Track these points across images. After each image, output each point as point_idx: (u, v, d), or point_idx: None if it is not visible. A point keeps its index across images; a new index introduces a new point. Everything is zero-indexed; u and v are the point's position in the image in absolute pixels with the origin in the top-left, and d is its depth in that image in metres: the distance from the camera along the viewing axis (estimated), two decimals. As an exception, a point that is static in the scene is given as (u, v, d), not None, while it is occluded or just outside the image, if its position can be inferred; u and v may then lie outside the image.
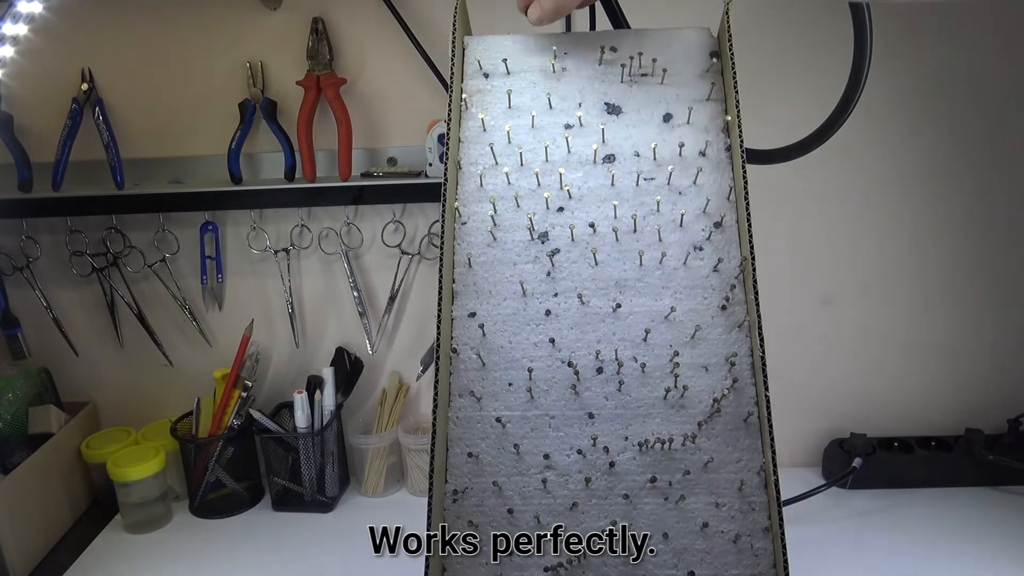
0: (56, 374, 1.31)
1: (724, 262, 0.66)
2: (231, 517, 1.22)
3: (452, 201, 0.69)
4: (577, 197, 0.68)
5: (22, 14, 1.00)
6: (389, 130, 1.20)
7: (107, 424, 1.34)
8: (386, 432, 1.25)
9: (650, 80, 0.72)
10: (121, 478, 1.16)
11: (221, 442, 1.20)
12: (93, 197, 1.19)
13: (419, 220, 1.23)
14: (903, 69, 1.11)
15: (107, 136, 1.18)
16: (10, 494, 1.08)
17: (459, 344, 0.65)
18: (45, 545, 1.16)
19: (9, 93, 1.18)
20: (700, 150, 0.69)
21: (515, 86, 0.73)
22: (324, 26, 1.14)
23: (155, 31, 1.17)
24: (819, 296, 1.23)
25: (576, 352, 0.64)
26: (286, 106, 1.18)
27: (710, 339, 0.64)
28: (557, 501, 0.61)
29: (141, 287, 1.29)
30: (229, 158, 1.18)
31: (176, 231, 1.25)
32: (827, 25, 1.05)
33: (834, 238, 1.20)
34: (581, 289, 0.66)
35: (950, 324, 1.23)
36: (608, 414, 0.63)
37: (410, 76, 1.16)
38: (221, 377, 1.23)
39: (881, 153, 1.15)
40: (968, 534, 1.10)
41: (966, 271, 1.20)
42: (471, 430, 0.63)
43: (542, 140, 0.70)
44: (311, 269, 1.27)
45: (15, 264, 1.25)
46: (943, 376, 1.24)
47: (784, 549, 0.58)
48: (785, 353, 1.05)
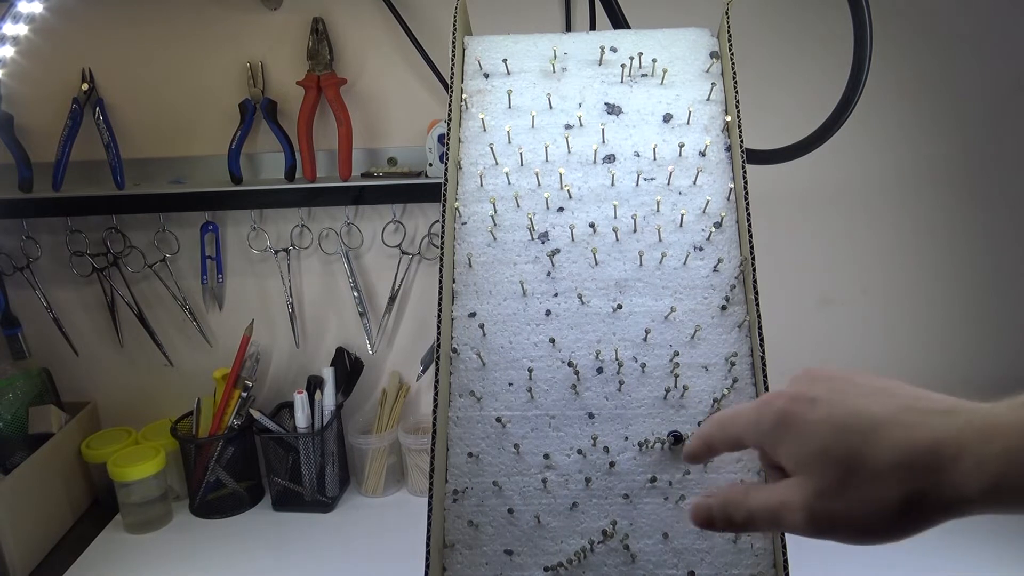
0: (56, 374, 1.31)
1: (724, 262, 0.66)
2: (231, 517, 1.22)
3: (452, 201, 0.69)
4: (577, 197, 0.68)
5: (22, 14, 1.00)
6: (389, 130, 1.20)
7: (107, 424, 1.34)
8: (386, 432, 1.25)
9: (650, 80, 0.72)
10: (121, 478, 1.16)
11: (221, 442, 1.20)
12: (93, 197, 1.19)
13: (419, 220, 1.23)
14: (904, 69, 1.11)
15: (107, 136, 1.18)
16: (10, 494, 1.08)
17: (459, 344, 0.65)
18: (45, 545, 1.16)
19: (9, 93, 1.18)
20: (700, 150, 0.69)
21: (515, 86, 0.73)
22: (324, 26, 1.14)
23: (155, 31, 1.17)
24: (819, 296, 1.23)
25: (576, 352, 0.64)
26: (286, 106, 1.18)
27: (710, 339, 0.64)
28: (557, 501, 0.61)
29: (141, 287, 1.29)
30: (229, 158, 1.18)
31: (176, 231, 1.25)
32: (827, 25, 1.05)
33: (834, 238, 1.20)
34: (581, 289, 0.66)
35: (950, 324, 1.23)
36: (608, 414, 0.63)
37: (410, 76, 1.16)
38: (221, 377, 1.23)
39: (881, 153, 1.15)
40: (969, 532, 1.10)
41: (966, 271, 1.20)
42: (471, 430, 0.63)
43: (542, 140, 0.70)
44: (311, 269, 1.27)
45: (15, 264, 1.25)
46: (943, 376, 1.24)
47: (784, 549, 0.58)
48: (785, 353, 1.05)
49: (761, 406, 0.45)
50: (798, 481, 0.42)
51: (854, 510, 0.40)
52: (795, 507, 0.42)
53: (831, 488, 0.40)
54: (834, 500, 0.40)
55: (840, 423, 0.41)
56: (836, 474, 0.40)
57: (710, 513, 0.46)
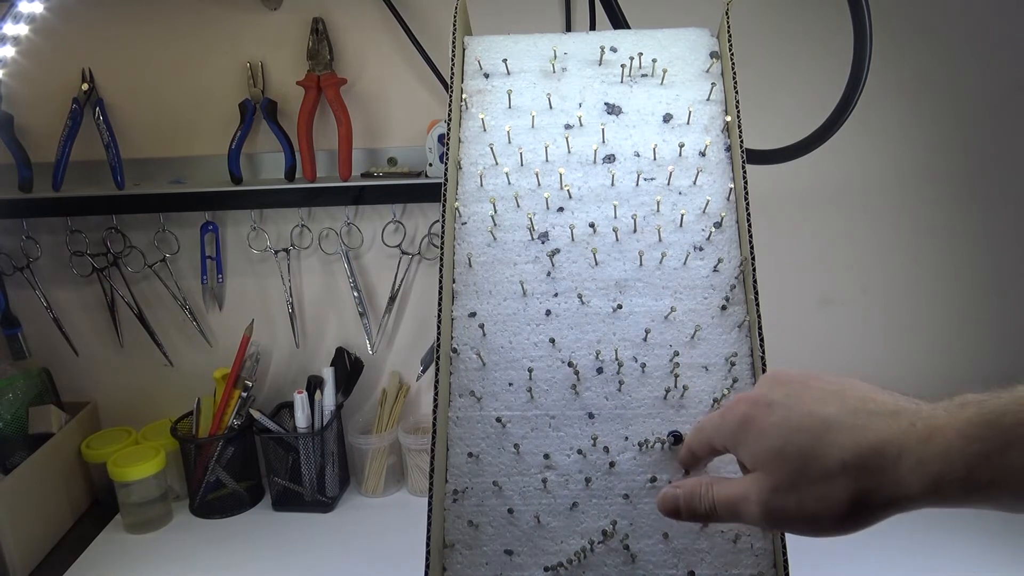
0: (56, 374, 1.31)
1: (724, 262, 0.66)
2: (231, 517, 1.22)
3: (452, 201, 0.69)
4: (577, 197, 0.68)
5: (23, 14, 0.99)
6: (389, 130, 1.20)
7: (107, 424, 1.34)
8: (386, 432, 1.25)
9: (650, 80, 0.72)
10: (121, 478, 1.16)
11: (221, 442, 1.20)
12: (93, 197, 1.19)
13: (419, 220, 1.23)
14: (904, 68, 1.11)
15: (107, 136, 1.18)
16: (10, 494, 1.08)
17: (459, 344, 0.65)
18: (45, 545, 1.16)
19: (9, 93, 1.18)
20: (700, 150, 0.69)
21: (515, 86, 0.73)
22: (324, 26, 1.14)
23: (155, 31, 1.17)
24: (819, 296, 1.23)
25: (576, 352, 0.64)
26: (286, 106, 1.18)
27: (710, 339, 0.64)
28: (557, 501, 0.61)
29: (141, 287, 1.29)
30: (229, 158, 1.18)
31: (176, 231, 1.25)
32: (827, 25, 1.05)
33: (834, 238, 1.20)
34: (581, 289, 0.66)
35: (950, 324, 1.23)
36: (608, 414, 0.63)
37: (410, 76, 1.16)
38: (221, 377, 1.23)
39: (881, 153, 1.15)
40: (969, 531, 1.10)
41: (966, 271, 1.20)
42: (471, 430, 0.63)
43: (542, 140, 0.70)
44: (311, 269, 1.27)
45: (15, 264, 1.25)
46: (943, 376, 1.24)
47: (784, 549, 0.58)
48: (785, 353, 1.05)
49: (726, 412, 0.49)
50: (755, 477, 0.45)
51: (805, 505, 0.43)
52: (752, 501, 0.45)
53: (784, 485, 0.44)
54: (787, 496, 0.43)
55: (794, 425, 0.44)
56: (789, 472, 0.44)
57: (676, 503, 0.50)
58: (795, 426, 0.44)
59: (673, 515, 0.50)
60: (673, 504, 0.50)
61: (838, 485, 0.42)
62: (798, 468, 0.43)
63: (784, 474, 0.44)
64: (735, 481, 0.47)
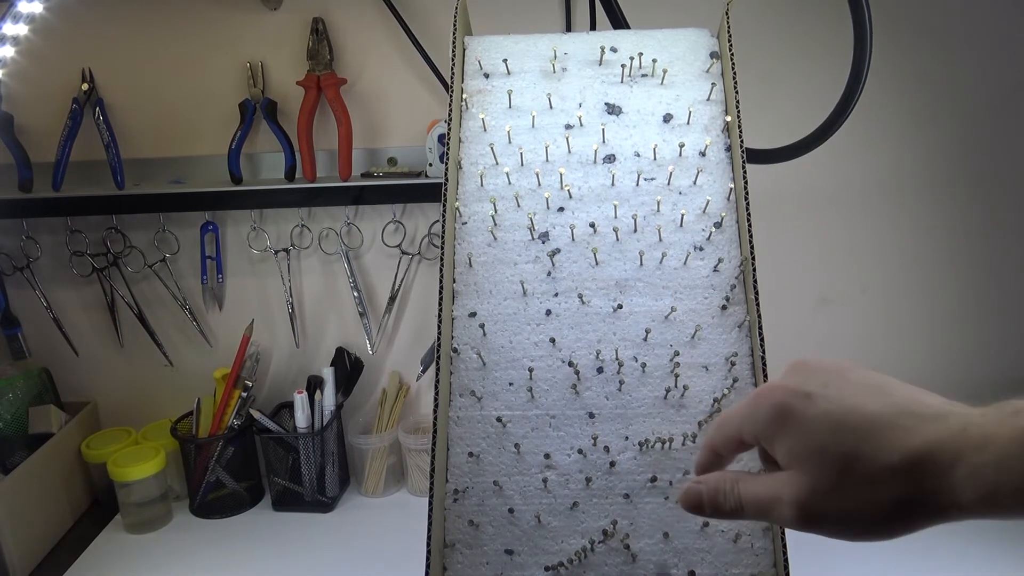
0: (56, 374, 1.31)
1: (724, 262, 0.66)
2: (231, 517, 1.22)
3: (452, 201, 0.69)
4: (577, 197, 0.68)
5: (22, 14, 0.99)
6: (389, 130, 1.20)
7: (107, 424, 1.34)
8: (386, 432, 1.25)
9: (650, 80, 0.72)
10: (121, 478, 1.16)
11: (221, 442, 1.20)
12: (93, 197, 1.19)
13: (419, 220, 1.23)
14: (904, 68, 1.11)
15: (107, 136, 1.18)
16: (10, 494, 1.08)
17: (459, 344, 0.65)
18: (45, 545, 1.16)
19: (9, 93, 1.18)
20: (700, 150, 0.69)
21: (515, 86, 0.73)
22: (324, 26, 1.14)
23: (155, 31, 1.17)
24: (819, 296, 1.23)
25: (576, 352, 0.64)
26: (286, 106, 1.18)
27: (710, 339, 0.64)
28: (558, 501, 0.61)
29: (141, 287, 1.29)
30: (229, 158, 1.18)
31: (176, 231, 1.25)
32: (827, 25, 1.05)
33: (834, 238, 1.20)
34: (581, 289, 0.66)
35: (950, 324, 1.23)
36: (608, 414, 0.63)
37: (410, 76, 1.16)
38: (221, 377, 1.23)
39: (881, 153, 1.16)
40: (969, 531, 1.10)
41: (966, 271, 1.20)
42: (471, 430, 0.63)
43: (542, 140, 0.70)
44: (311, 269, 1.27)
45: (15, 264, 1.25)
46: (943, 375, 1.24)
47: (784, 548, 0.58)
48: (785, 353, 1.05)
49: (757, 399, 0.45)
50: (792, 476, 0.42)
51: (847, 509, 0.40)
52: (787, 502, 0.42)
53: (825, 487, 0.41)
54: (827, 499, 0.41)
55: (838, 421, 0.41)
56: (832, 473, 0.40)
57: (700, 499, 0.47)
58: (838, 423, 0.41)
59: (696, 511, 0.48)
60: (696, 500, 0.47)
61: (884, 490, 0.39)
62: (842, 470, 0.40)
63: (825, 476, 0.41)
64: (764, 479, 0.44)
